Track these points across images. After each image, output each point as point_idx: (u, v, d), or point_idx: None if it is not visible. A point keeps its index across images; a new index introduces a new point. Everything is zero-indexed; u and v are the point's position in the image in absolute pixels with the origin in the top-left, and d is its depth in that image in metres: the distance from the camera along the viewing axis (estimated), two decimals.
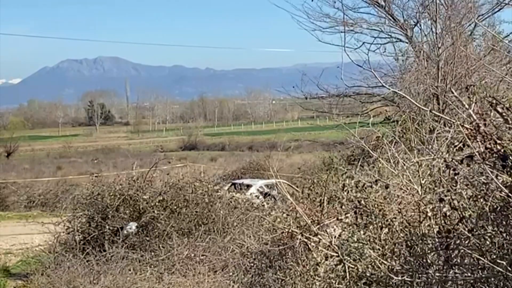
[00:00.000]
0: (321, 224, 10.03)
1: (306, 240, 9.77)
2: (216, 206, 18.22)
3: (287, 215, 11.04)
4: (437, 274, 7.56)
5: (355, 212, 9.01)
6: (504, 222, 7.10)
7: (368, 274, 8.27)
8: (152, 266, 15.40)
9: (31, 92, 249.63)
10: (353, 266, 8.52)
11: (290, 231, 10.30)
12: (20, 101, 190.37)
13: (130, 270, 15.27)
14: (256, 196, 25.57)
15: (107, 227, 17.90)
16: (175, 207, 17.98)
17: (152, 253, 16.17)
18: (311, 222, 9.91)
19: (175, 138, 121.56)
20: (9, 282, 18.31)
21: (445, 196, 7.76)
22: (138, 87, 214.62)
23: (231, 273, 13.32)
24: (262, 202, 20.74)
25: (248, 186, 31.76)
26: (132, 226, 17.81)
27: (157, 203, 17.97)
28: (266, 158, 55.41)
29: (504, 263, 6.84)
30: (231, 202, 19.06)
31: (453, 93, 10.62)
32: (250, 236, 13.75)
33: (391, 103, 22.77)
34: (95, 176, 20.49)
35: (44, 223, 20.03)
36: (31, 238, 24.08)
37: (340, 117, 24.58)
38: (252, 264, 12.17)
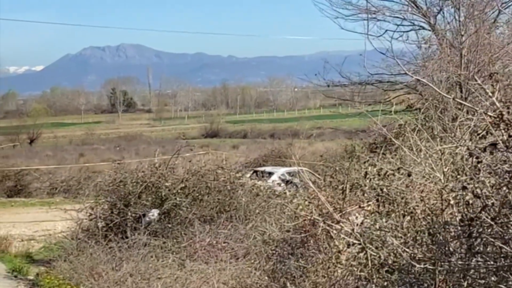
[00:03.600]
0: (343, 212, 10.03)
1: (328, 227, 9.77)
2: (238, 193, 18.25)
3: (309, 202, 11.04)
4: (460, 262, 7.53)
5: (377, 200, 9.01)
6: None
7: (390, 262, 8.26)
8: (174, 253, 15.44)
9: (54, 79, 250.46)
10: (375, 254, 8.50)
11: (312, 218, 10.30)
12: (43, 88, 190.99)
13: (152, 256, 15.32)
14: (278, 183, 25.58)
15: (130, 214, 17.97)
16: (197, 194, 18.01)
17: (174, 240, 16.22)
18: (333, 209, 9.91)
19: (197, 125, 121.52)
20: (32, 268, 18.42)
21: (468, 184, 7.73)
22: (160, 75, 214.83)
23: (253, 261, 13.33)
24: (284, 190, 20.72)
25: (270, 173, 31.78)
26: (154, 213, 17.86)
27: (179, 190, 18.01)
28: (288, 146, 55.37)
29: None
30: (253, 189, 19.07)
31: (476, 80, 10.55)
32: (272, 224, 13.74)
33: (413, 91, 22.64)
34: (118, 163, 20.56)
35: (67, 210, 20.14)
36: (54, 224, 24.20)
37: (362, 105, 24.50)
38: (274, 252, 12.17)
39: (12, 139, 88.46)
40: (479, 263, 7.36)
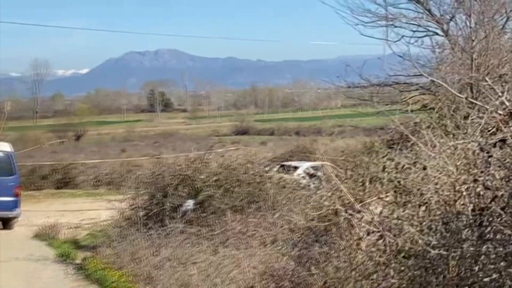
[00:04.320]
0: (364, 202, 9.99)
1: (349, 216, 9.74)
2: (266, 185, 18.23)
3: (332, 194, 11.02)
4: (471, 248, 7.51)
5: (395, 191, 8.99)
6: None
7: (406, 248, 8.23)
8: (208, 239, 15.46)
9: (98, 82, 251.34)
10: (393, 241, 8.48)
11: (335, 208, 10.28)
12: (88, 90, 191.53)
13: (188, 243, 15.36)
14: (302, 177, 25.53)
15: (167, 204, 18.01)
16: (229, 186, 18.01)
17: (208, 228, 16.23)
18: (354, 200, 9.88)
19: (228, 123, 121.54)
20: (79, 253, 18.52)
21: (479, 176, 7.71)
22: (195, 77, 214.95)
23: (280, 247, 13.32)
24: (308, 183, 20.69)
25: (296, 167, 31.74)
26: (190, 203, 17.89)
27: (212, 183, 18.02)
28: (311, 142, 55.38)
29: None
30: (280, 182, 19.05)
31: (487, 81, 10.48)
32: (297, 213, 13.73)
33: (428, 92, 22.53)
34: (156, 158, 20.63)
35: (110, 200, 20.27)
36: (98, 213, 24.33)
37: (380, 105, 24.44)
38: (299, 239, 12.16)
39: (60, 136, 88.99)
40: (490, 249, 7.33)
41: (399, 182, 8.90)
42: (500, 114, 7.11)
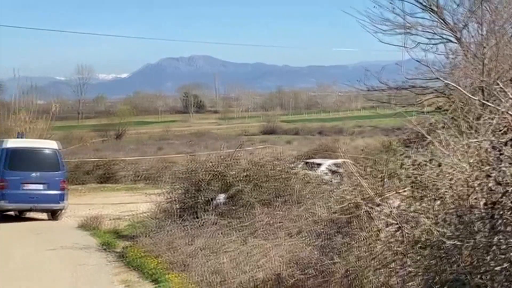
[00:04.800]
0: (383, 197, 9.96)
1: (369, 210, 9.71)
2: (292, 181, 18.21)
3: (354, 188, 10.99)
4: (483, 239, 7.46)
5: (412, 187, 8.93)
6: None
7: (423, 239, 8.19)
8: (238, 230, 15.47)
9: (137, 85, 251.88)
10: (410, 232, 8.44)
11: (356, 202, 10.25)
12: (128, 93, 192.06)
13: (219, 233, 15.39)
14: (325, 173, 25.49)
15: (201, 197, 18.03)
16: (257, 182, 18.00)
17: (238, 220, 16.24)
18: (374, 194, 9.85)
19: (256, 124, 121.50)
20: (119, 243, 18.60)
21: (491, 173, 7.65)
22: (226, 81, 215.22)
23: (305, 238, 13.30)
24: (331, 179, 20.65)
25: (319, 164, 31.67)
26: (221, 197, 17.91)
27: (242, 178, 18.02)
28: (333, 141, 55.22)
29: None
30: (304, 177, 19.02)
31: (499, 84, 10.40)
32: (321, 206, 13.70)
33: (442, 95, 22.42)
34: (190, 155, 20.65)
35: (148, 194, 20.30)
36: (137, 206, 24.38)
37: (398, 107, 24.43)
38: (322, 230, 12.13)
39: (102, 135, 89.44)
40: (501, 240, 7.28)
41: (416, 178, 8.84)
42: (510, 115, 7.05)
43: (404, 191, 9.74)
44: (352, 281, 9.40)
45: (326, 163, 31.51)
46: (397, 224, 8.70)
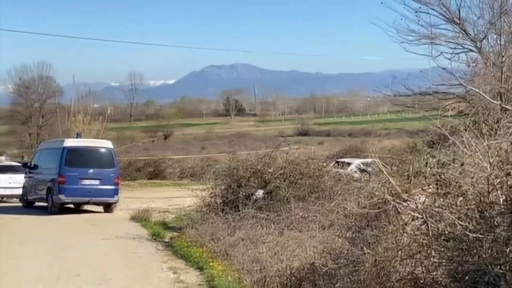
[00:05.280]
0: (409, 193, 9.88)
1: (397, 205, 9.64)
2: (324, 178, 18.18)
3: (382, 185, 10.92)
4: (503, 233, 7.39)
5: (436, 184, 8.86)
6: None
7: (446, 232, 8.13)
8: (275, 223, 15.47)
9: (183, 90, 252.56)
10: (434, 226, 8.37)
11: (384, 198, 10.19)
12: (175, 97, 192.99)
13: (258, 226, 15.39)
14: (355, 171, 25.43)
15: (241, 193, 18.08)
16: (292, 179, 18.00)
17: (275, 214, 16.24)
18: (401, 191, 9.78)
19: (291, 126, 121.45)
20: (167, 233, 18.69)
21: (510, 171, 7.58)
22: (263, 87, 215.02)
23: (336, 230, 13.27)
24: (360, 176, 20.57)
25: (349, 163, 31.67)
26: (260, 193, 17.92)
27: (279, 175, 18.03)
28: (362, 143, 54.98)
29: None
30: (335, 175, 18.98)
31: None
32: (351, 202, 13.64)
33: (463, 100, 22.32)
34: (232, 154, 20.68)
35: (193, 189, 20.38)
36: (183, 200, 24.51)
37: (422, 111, 24.34)
38: (353, 224, 12.07)
39: (151, 135, 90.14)
40: None
41: (440, 176, 8.77)
42: None
43: (429, 188, 9.67)
44: (380, 270, 9.34)
45: (356, 162, 31.47)
46: (422, 218, 8.62)
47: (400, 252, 9.08)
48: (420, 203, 9.13)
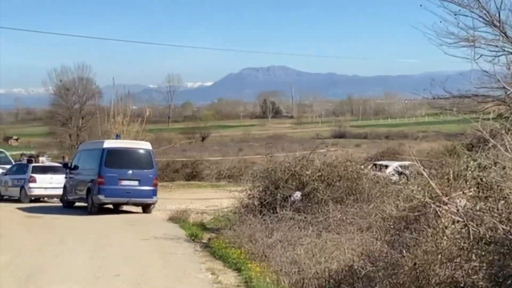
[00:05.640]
0: (449, 196, 9.78)
1: (437, 208, 9.55)
2: (362, 180, 18.11)
3: (422, 188, 10.82)
4: None
5: (477, 187, 8.78)
6: None
7: (487, 236, 8.04)
8: (313, 225, 15.44)
9: (220, 92, 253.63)
10: (475, 230, 8.28)
11: (424, 201, 10.10)
12: (212, 99, 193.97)
13: (296, 228, 15.37)
14: (392, 174, 25.27)
15: (279, 195, 18.07)
16: (330, 181, 17.96)
17: (313, 216, 16.20)
18: (441, 194, 9.69)
19: (328, 128, 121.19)
20: (205, 234, 18.73)
21: None
22: (300, 89, 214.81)
23: (374, 233, 13.17)
24: (398, 179, 20.45)
25: (386, 166, 31.48)
26: (298, 195, 17.90)
27: (316, 177, 18.00)
28: (399, 145, 54.62)
29: None
30: (373, 178, 18.90)
31: None
32: (389, 204, 13.54)
33: (503, 103, 22.05)
34: (269, 156, 20.66)
35: (231, 191, 20.41)
36: (221, 201, 24.54)
37: (460, 114, 24.09)
38: (391, 226, 11.98)
39: (189, 137, 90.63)
40: None
41: (481, 179, 8.69)
42: None
43: (470, 191, 9.58)
44: (419, 274, 9.26)
45: (393, 165, 31.27)
46: (463, 221, 8.55)
47: (439, 256, 9.00)
48: (461, 206, 9.04)
